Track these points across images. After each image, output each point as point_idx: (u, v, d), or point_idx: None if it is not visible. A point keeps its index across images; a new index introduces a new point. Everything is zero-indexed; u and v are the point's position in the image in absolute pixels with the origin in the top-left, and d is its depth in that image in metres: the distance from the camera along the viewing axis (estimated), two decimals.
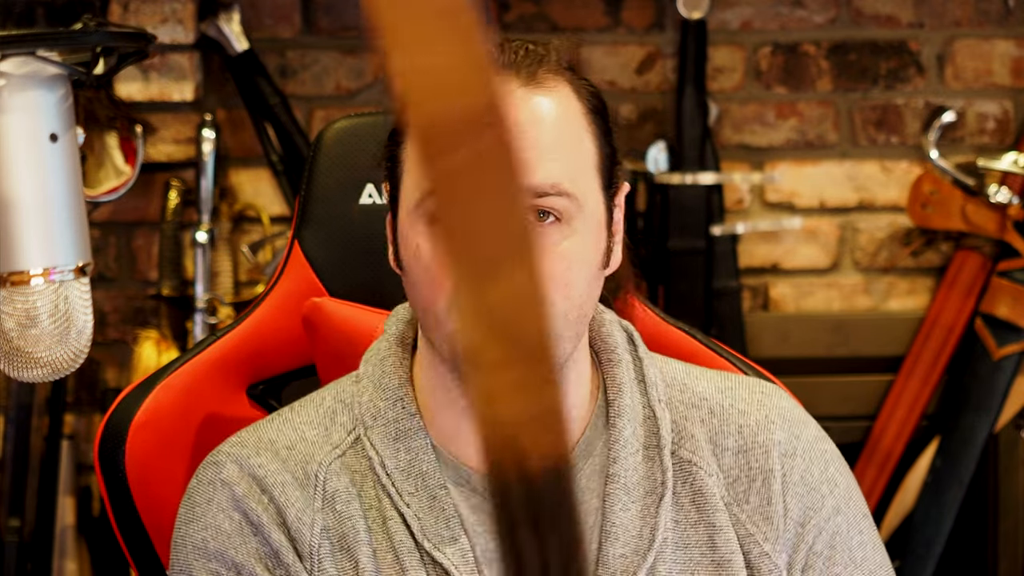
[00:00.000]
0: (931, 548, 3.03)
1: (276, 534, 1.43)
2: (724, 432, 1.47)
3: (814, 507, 1.47)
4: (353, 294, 1.74)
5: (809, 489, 1.47)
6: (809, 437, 1.50)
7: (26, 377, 1.92)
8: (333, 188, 1.77)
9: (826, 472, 1.49)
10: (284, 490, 1.44)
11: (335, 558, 1.42)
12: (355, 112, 1.82)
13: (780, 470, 1.46)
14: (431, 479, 1.43)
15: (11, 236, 1.89)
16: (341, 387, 1.52)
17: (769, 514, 1.45)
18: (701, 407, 1.49)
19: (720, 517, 1.44)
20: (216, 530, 1.44)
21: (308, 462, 1.46)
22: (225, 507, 1.44)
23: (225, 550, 1.43)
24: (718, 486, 1.45)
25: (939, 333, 3.05)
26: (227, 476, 1.46)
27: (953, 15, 3.07)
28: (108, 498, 1.67)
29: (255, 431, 1.50)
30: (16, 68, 1.88)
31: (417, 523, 1.42)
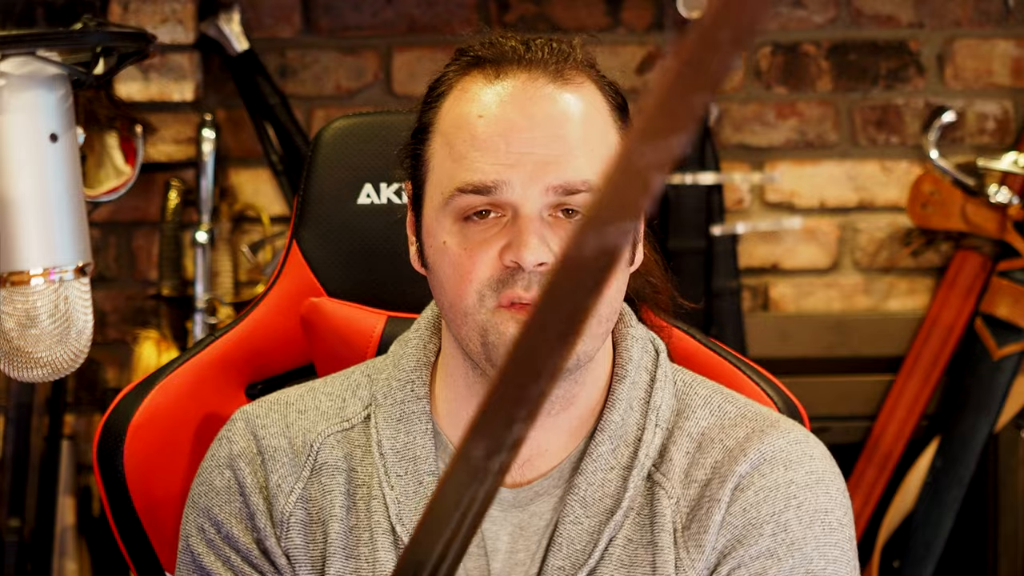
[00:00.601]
0: (931, 548, 3.03)
1: (255, 497, 1.45)
2: (699, 464, 1.44)
3: (744, 542, 1.41)
4: (351, 294, 1.74)
5: (747, 523, 1.41)
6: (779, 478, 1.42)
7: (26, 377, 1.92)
8: (332, 188, 1.77)
9: (780, 515, 1.41)
10: (275, 455, 1.46)
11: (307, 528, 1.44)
12: (354, 112, 1.82)
13: (727, 500, 1.41)
14: (423, 464, 1.44)
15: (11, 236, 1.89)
16: (374, 362, 1.54)
17: (701, 542, 1.41)
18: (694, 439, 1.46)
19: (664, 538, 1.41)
20: (209, 486, 1.47)
21: (309, 431, 1.48)
22: (221, 464, 1.48)
23: (211, 507, 1.46)
24: (671, 509, 1.42)
25: (939, 333, 3.05)
26: (233, 433, 1.49)
27: (953, 15, 3.07)
28: (106, 498, 1.67)
29: (281, 393, 1.53)
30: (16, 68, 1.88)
31: (396, 506, 1.43)
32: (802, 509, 1.42)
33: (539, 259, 1.35)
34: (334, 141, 1.78)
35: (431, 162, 1.42)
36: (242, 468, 1.46)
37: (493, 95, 1.38)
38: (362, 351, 1.66)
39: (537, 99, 1.37)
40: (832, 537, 1.43)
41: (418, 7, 3.04)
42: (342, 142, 1.77)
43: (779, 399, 1.64)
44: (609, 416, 1.45)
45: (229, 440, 1.48)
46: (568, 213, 1.37)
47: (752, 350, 3.02)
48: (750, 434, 1.45)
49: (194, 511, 1.48)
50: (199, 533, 1.46)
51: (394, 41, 3.06)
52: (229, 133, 3.05)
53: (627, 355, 1.47)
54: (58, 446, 2.95)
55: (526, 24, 3.04)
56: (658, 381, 1.47)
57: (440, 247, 1.39)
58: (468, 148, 1.37)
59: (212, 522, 1.46)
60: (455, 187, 1.37)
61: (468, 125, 1.38)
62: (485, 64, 1.40)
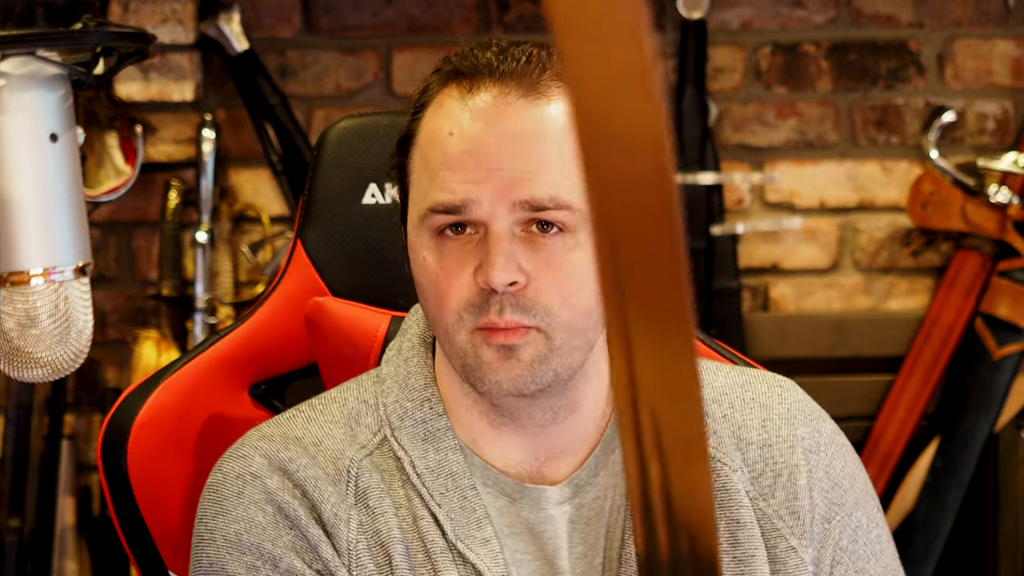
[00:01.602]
0: (931, 548, 3.03)
1: (314, 528, 1.41)
2: (747, 426, 1.47)
3: (838, 502, 1.48)
4: (355, 294, 1.74)
5: (833, 484, 1.48)
6: (829, 431, 1.51)
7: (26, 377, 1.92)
8: (336, 188, 1.77)
9: (846, 467, 1.50)
10: (317, 485, 1.42)
11: (372, 554, 1.41)
12: (358, 112, 1.82)
13: (805, 465, 1.47)
14: (461, 479, 1.43)
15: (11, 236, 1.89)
16: (363, 387, 1.51)
17: (796, 509, 1.45)
18: (722, 402, 1.49)
19: (744, 513, 1.43)
20: (249, 523, 1.42)
21: (338, 459, 1.44)
22: (257, 500, 1.42)
23: (261, 543, 1.41)
24: (743, 481, 1.44)
25: (939, 333, 3.05)
26: (256, 469, 1.44)
27: (953, 15, 3.07)
28: (110, 497, 1.67)
29: (278, 426, 1.48)
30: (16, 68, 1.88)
31: (450, 523, 1.41)
32: (848, 455, 1.51)
33: (508, 279, 1.34)
34: (339, 141, 1.78)
35: (412, 176, 1.42)
36: (288, 501, 1.42)
37: (465, 111, 1.37)
38: (366, 351, 1.66)
39: (507, 115, 1.36)
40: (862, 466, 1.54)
41: (418, 7, 3.04)
42: (347, 142, 1.78)
43: None
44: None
45: (256, 476, 1.43)
46: (543, 227, 1.36)
47: (752, 350, 3.02)
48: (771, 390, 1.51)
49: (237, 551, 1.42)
50: (251, 572, 1.41)
51: (394, 41, 3.06)
52: (229, 133, 3.05)
53: None
54: (58, 446, 2.95)
55: (526, 24, 3.04)
56: None
57: (420, 262, 1.40)
58: (439, 166, 1.37)
59: (266, 558, 1.41)
60: (428, 206, 1.37)
61: (440, 142, 1.37)
62: (462, 77, 1.39)
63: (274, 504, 1.42)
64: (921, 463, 3.03)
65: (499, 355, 1.36)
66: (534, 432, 1.44)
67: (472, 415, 1.45)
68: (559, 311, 1.36)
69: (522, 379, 1.37)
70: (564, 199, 1.35)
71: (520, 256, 1.35)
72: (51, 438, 2.94)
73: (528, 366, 1.36)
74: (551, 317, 1.36)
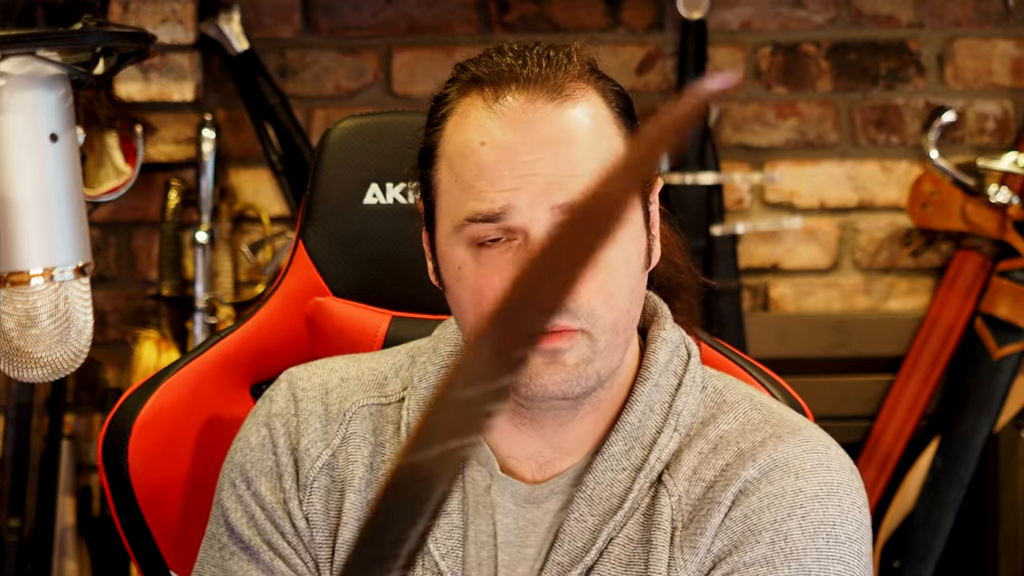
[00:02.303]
0: (931, 548, 3.03)
1: (286, 457, 1.47)
2: (710, 464, 1.42)
3: (740, 548, 1.38)
4: (357, 294, 1.75)
5: (746, 529, 1.38)
6: (788, 487, 1.40)
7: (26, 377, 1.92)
8: (338, 188, 1.77)
9: (781, 524, 1.38)
10: (309, 419, 1.48)
11: (329, 495, 1.46)
12: (360, 112, 1.82)
13: (728, 504, 1.39)
14: None
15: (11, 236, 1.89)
16: (420, 343, 1.55)
17: (696, 544, 1.39)
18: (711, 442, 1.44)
19: (660, 537, 1.40)
20: (245, 442, 1.50)
21: (345, 400, 1.50)
22: (260, 421, 1.50)
23: (245, 463, 1.49)
24: (671, 507, 1.41)
25: (939, 333, 3.05)
26: (276, 393, 1.51)
27: (953, 15, 3.06)
28: (111, 497, 1.68)
29: (331, 360, 1.55)
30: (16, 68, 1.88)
31: None
32: (807, 520, 1.39)
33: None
34: (340, 141, 1.78)
35: (439, 187, 1.41)
36: (277, 428, 1.49)
37: (494, 120, 1.37)
38: (365, 350, 1.66)
39: (537, 121, 1.37)
40: (837, 551, 1.39)
41: (418, 7, 3.04)
42: (348, 142, 1.78)
43: (783, 399, 1.63)
44: (626, 417, 1.44)
45: (271, 400, 1.51)
46: None
47: (752, 350, 3.02)
48: (767, 439, 1.42)
49: (229, 466, 1.50)
50: (231, 488, 1.49)
51: (394, 41, 3.06)
52: (229, 133, 3.05)
53: (653, 357, 1.46)
54: (58, 446, 2.95)
55: (526, 24, 3.04)
56: (684, 385, 1.46)
57: (456, 272, 1.40)
58: (474, 177, 1.37)
59: (244, 478, 1.48)
60: (464, 216, 1.37)
61: (472, 153, 1.37)
62: (484, 85, 1.39)
63: (268, 427, 1.49)
64: (921, 463, 3.03)
65: (543, 360, 1.37)
66: (552, 430, 1.44)
67: None
68: (602, 312, 1.37)
69: (568, 383, 1.38)
70: None
71: None
72: (51, 438, 2.94)
73: (573, 369, 1.37)
74: (595, 319, 1.37)
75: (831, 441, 1.46)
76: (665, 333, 1.48)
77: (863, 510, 1.43)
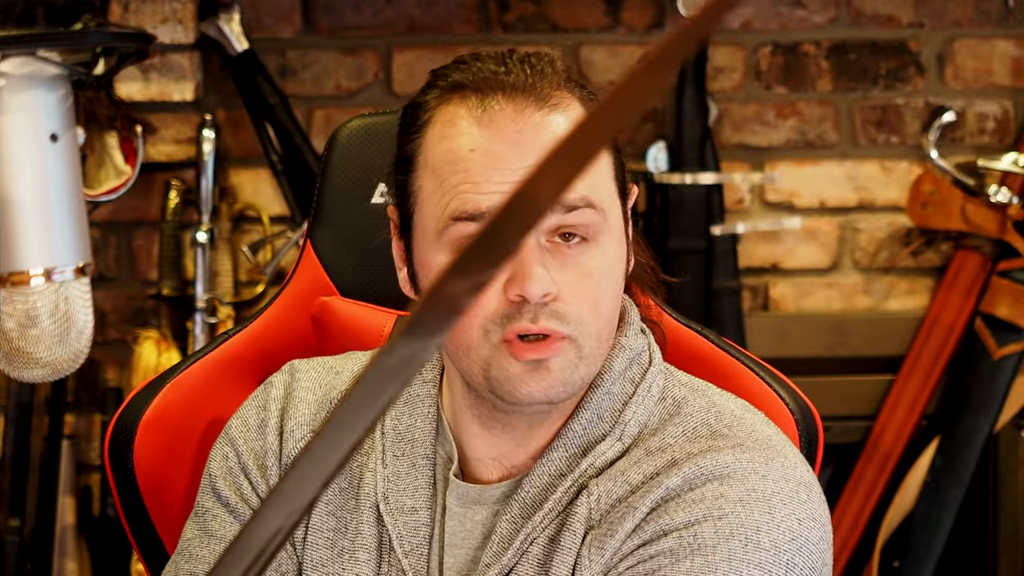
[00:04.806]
0: (931, 548, 3.03)
1: (272, 436, 1.51)
2: (638, 470, 1.39)
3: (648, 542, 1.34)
4: (364, 293, 1.75)
5: (658, 529, 1.34)
6: (710, 493, 1.35)
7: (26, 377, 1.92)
8: (346, 188, 1.77)
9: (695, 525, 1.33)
10: (298, 405, 1.52)
11: None
12: (367, 112, 1.82)
13: (645, 510, 1.36)
14: (419, 448, 1.46)
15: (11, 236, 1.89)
16: None
17: (604, 546, 1.36)
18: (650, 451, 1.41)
19: (567, 538, 1.38)
20: (242, 420, 1.53)
21: (333, 388, 1.53)
22: (259, 404, 1.54)
23: (237, 438, 1.52)
24: (588, 506, 1.39)
25: (939, 333, 3.05)
26: (277, 379, 1.55)
27: (953, 15, 3.07)
28: (117, 495, 1.68)
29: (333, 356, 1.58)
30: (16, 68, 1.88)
31: (384, 484, 1.45)
32: (723, 521, 1.33)
33: (544, 290, 1.34)
34: (348, 141, 1.78)
35: (419, 195, 1.41)
36: (272, 410, 1.52)
37: (481, 128, 1.37)
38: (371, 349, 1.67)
39: (526, 131, 1.37)
40: (756, 556, 1.32)
41: (418, 7, 3.04)
42: (356, 142, 1.78)
43: (791, 401, 1.61)
44: (571, 424, 1.43)
45: (272, 384, 1.55)
46: (566, 238, 1.37)
47: (752, 350, 3.01)
48: (704, 451, 1.38)
49: (224, 440, 1.53)
50: (223, 459, 1.52)
51: (394, 41, 3.06)
52: (229, 133, 3.05)
53: (608, 364, 1.44)
54: (58, 446, 2.95)
55: (525, 24, 3.04)
56: (638, 395, 1.44)
57: None
58: (460, 180, 1.37)
59: (235, 452, 1.51)
60: (449, 216, 1.37)
61: (460, 160, 1.37)
62: (467, 92, 1.38)
63: (265, 409, 1.53)
64: (921, 463, 3.03)
65: (527, 368, 1.36)
66: (522, 433, 1.44)
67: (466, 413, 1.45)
68: (589, 319, 1.37)
69: (553, 389, 1.37)
70: (592, 198, 1.37)
71: (550, 267, 1.36)
72: (51, 438, 2.94)
73: (559, 375, 1.37)
74: (582, 326, 1.37)
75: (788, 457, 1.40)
76: (626, 340, 1.46)
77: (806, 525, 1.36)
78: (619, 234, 1.41)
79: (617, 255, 1.40)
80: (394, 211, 1.45)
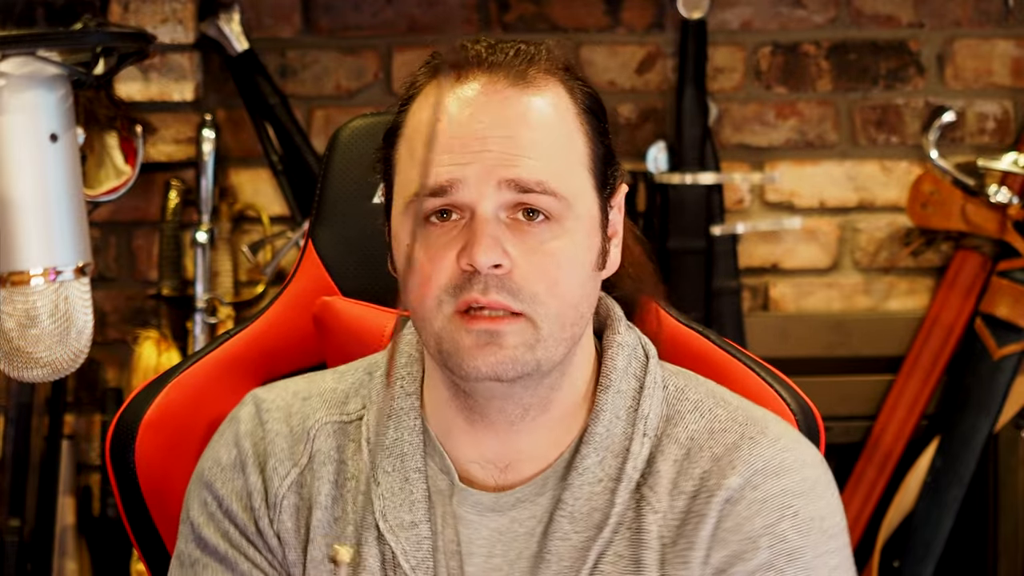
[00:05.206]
0: (931, 548, 3.03)
1: (254, 476, 1.47)
2: (688, 475, 1.42)
3: (742, 556, 1.38)
4: (366, 293, 1.75)
5: (743, 538, 1.38)
6: (772, 488, 1.40)
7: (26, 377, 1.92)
8: (347, 188, 1.77)
9: (774, 526, 1.39)
10: (275, 439, 1.48)
11: (296, 512, 1.46)
12: (368, 112, 1.82)
13: (715, 515, 1.39)
14: (409, 461, 1.44)
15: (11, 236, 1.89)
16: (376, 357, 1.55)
17: (687, 559, 1.39)
18: (684, 446, 1.43)
19: (649, 556, 1.39)
20: (215, 461, 1.49)
21: (308, 418, 1.49)
22: (229, 441, 1.50)
23: (214, 481, 1.48)
24: (658, 524, 1.40)
25: (939, 333, 3.05)
26: (242, 414, 1.51)
27: (953, 15, 3.07)
28: (119, 495, 1.68)
29: (291, 380, 1.54)
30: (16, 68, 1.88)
31: (380, 502, 1.43)
32: (798, 518, 1.40)
33: (492, 261, 1.34)
34: (350, 141, 1.78)
35: (397, 166, 1.43)
36: (246, 448, 1.48)
37: (453, 98, 1.39)
38: (373, 350, 1.67)
39: (495, 102, 1.38)
40: (831, 544, 1.41)
41: (418, 7, 3.04)
42: (358, 142, 1.78)
43: (793, 401, 1.61)
44: (593, 428, 1.43)
45: (238, 420, 1.50)
46: (529, 215, 1.37)
47: (752, 350, 3.01)
48: (739, 441, 1.42)
49: (199, 484, 1.50)
50: (202, 506, 1.48)
51: (394, 41, 3.06)
52: (229, 133, 3.05)
53: (612, 363, 1.45)
54: (58, 446, 2.95)
55: (526, 24, 3.04)
56: (647, 388, 1.45)
57: (404, 251, 1.40)
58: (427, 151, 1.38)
59: (214, 496, 1.48)
60: (413, 191, 1.39)
61: (428, 130, 1.39)
62: (451, 70, 1.40)
63: (238, 447, 1.49)
64: (921, 463, 3.03)
65: (479, 340, 1.36)
66: (504, 430, 1.43)
67: (450, 409, 1.45)
68: (545, 299, 1.36)
69: (503, 365, 1.36)
70: (551, 185, 1.37)
71: (505, 240, 1.36)
72: (51, 438, 2.94)
73: (511, 351, 1.36)
74: (538, 304, 1.36)
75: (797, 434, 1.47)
76: (620, 337, 1.47)
77: (839, 500, 1.45)
78: (591, 223, 1.41)
79: (585, 244, 1.40)
80: (382, 190, 1.47)
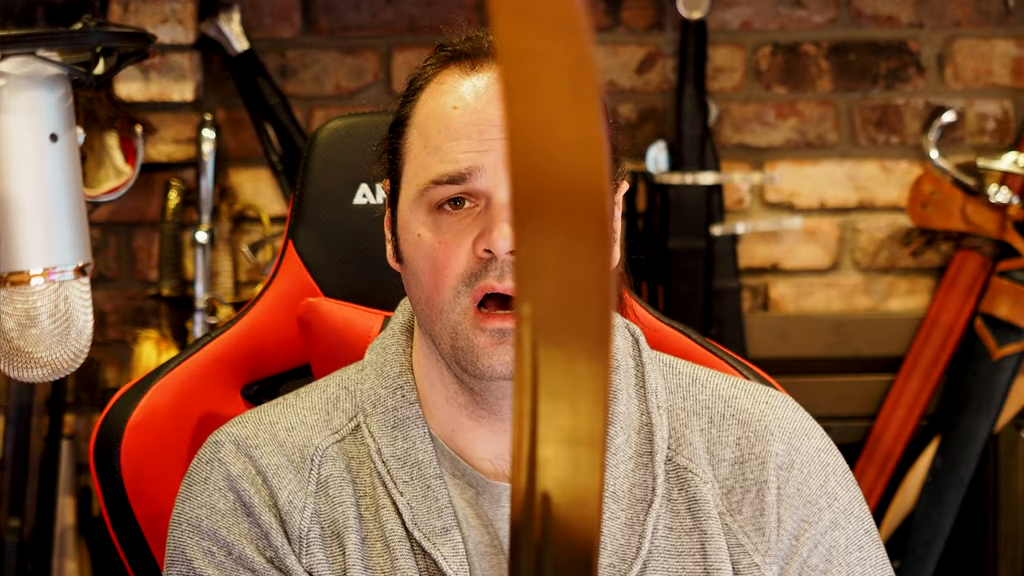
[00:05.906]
0: (931, 548, 3.03)
1: (266, 516, 1.43)
2: (722, 442, 1.46)
3: (810, 520, 1.45)
4: (348, 294, 1.74)
5: (805, 502, 1.45)
6: (810, 449, 1.48)
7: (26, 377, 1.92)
8: (327, 188, 1.77)
9: (825, 485, 1.47)
10: (277, 472, 1.44)
11: (324, 543, 1.42)
12: (350, 112, 1.82)
13: (775, 481, 1.44)
14: (426, 468, 1.43)
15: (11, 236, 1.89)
16: (346, 374, 1.52)
17: (761, 525, 1.43)
18: (702, 415, 1.47)
19: (712, 525, 1.42)
20: (210, 509, 1.45)
21: (305, 445, 1.46)
22: (220, 487, 1.45)
23: (218, 529, 1.44)
24: (713, 494, 1.43)
25: (939, 333, 3.05)
26: (224, 456, 1.46)
27: (953, 15, 3.07)
28: (103, 497, 1.67)
29: (257, 413, 1.50)
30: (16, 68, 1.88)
31: (409, 512, 1.41)
32: (836, 474, 1.48)
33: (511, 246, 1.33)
34: (330, 141, 1.78)
35: (407, 155, 1.42)
36: (246, 489, 1.44)
37: (468, 87, 1.39)
38: (359, 351, 1.66)
39: None
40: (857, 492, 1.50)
41: (418, 7, 3.04)
42: (338, 142, 1.77)
43: None
44: (615, 407, 1.44)
45: (222, 463, 1.46)
46: None
47: (752, 350, 3.02)
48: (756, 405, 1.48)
49: (196, 535, 1.45)
50: (206, 556, 1.44)
51: (394, 41, 3.06)
52: (229, 133, 3.05)
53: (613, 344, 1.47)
54: (58, 446, 2.95)
55: None
56: (647, 364, 1.48)
57: (415, 240, 1.39)
58: (443, 139, 1.37)
59: (221, 544, 1.43)
60: (430, 179, 1.38)
61: (443, 116, 1.38)
62: (462, 58, 1.41)
63: (235, 491, 1.44)
64: (921, 463, 3.04)
65: (493, 339, 1.36)
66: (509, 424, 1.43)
67: (451, 407, 1.44)
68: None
69: None
70: None
71: None
72: (51, 438, 2.94)
73: None
74: None
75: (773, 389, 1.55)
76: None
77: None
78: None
79: None
80: (386, 182, 1.46)
